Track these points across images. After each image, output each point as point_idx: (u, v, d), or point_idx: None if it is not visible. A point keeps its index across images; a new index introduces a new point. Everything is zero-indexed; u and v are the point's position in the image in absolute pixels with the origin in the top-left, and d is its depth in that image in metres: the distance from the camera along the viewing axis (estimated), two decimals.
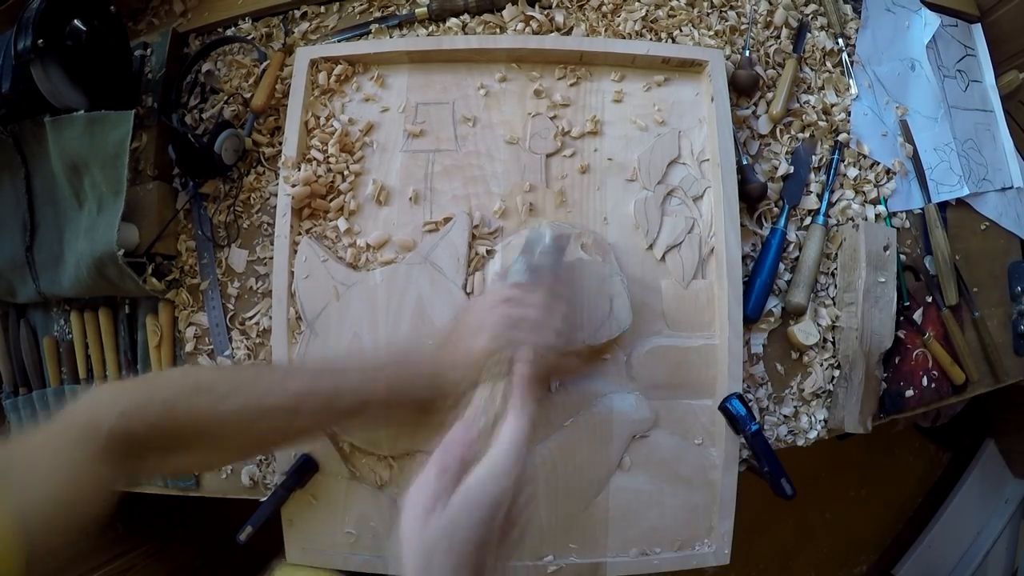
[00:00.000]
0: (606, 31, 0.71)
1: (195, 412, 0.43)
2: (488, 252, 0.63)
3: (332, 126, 0.66)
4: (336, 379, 0.48)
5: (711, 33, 0.71)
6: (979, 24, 0.85)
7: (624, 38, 0.70)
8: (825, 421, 0.68)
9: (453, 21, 0.73)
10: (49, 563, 0.36)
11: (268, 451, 0.62)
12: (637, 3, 0.72)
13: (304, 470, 0.61)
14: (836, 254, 0.70)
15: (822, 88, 0.74)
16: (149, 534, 0.93)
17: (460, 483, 0.38)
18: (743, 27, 0.73)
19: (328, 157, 0.65)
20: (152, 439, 0.41)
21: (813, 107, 0.73)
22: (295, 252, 0.63)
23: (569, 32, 0.71)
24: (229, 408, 0.44)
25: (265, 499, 0.61)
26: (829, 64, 0.75)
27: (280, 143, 0.69)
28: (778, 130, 0.72)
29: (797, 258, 0.69)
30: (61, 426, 0.40)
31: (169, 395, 0.43)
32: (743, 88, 0.70)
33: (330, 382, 0.47)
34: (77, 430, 0.40)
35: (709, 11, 0.73)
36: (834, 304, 0.69)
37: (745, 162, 0.68)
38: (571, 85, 0.68)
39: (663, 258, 0.64)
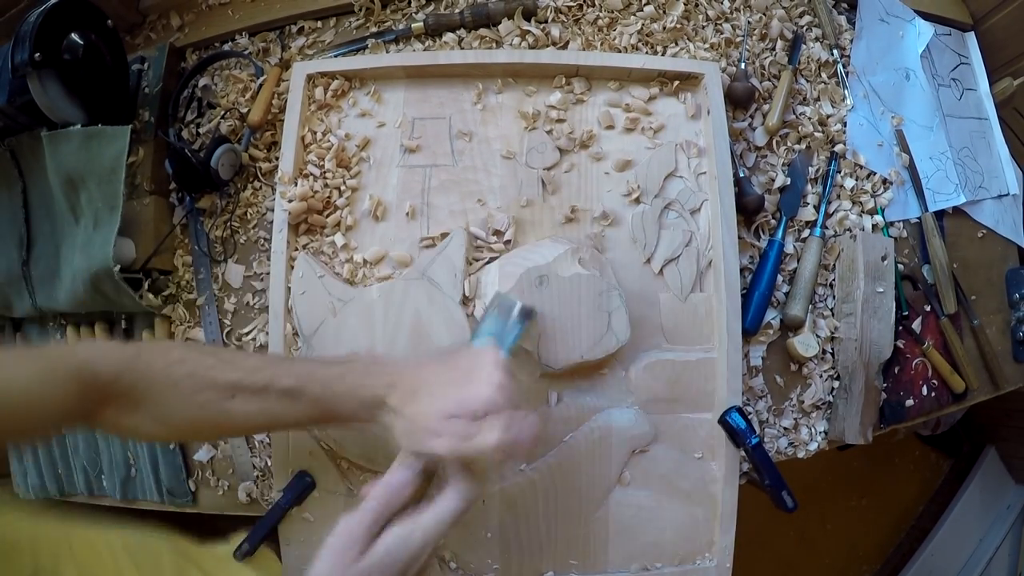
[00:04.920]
0: (602, 45, 0.71)
1: (150, 370, 0.46)
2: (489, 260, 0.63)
3: (329, 141, 0.66)
4: (278, 368, 0.48)
5: (706, 46, 0.71)
6: (972, 32, 0.86)
7: (620, 52, 0.70)
8: (825, 432, 0.68)
9: (449, 36, 0.73)
10: (11, 439, 0.41)
11: (210, 432, 0.59)
12: (633, 17, 0.72)
13: (301, 488, 0.60)
14: (834, 265, 0.70)
15: (818, 99, 0.75)
16: None
17: (383, 530, 0.41)
18: (738, 39, 0.73)
19: (325, 172, 0.65)
20: (111, 389, 0.44)
21: (809, 118, 0.73)
22: (292, 268, 0.63)
23: (565, 46, 0.71)
24: (178, 373, 0.46)
25: (262, 516, 0.61)
26: (824, 75, 0.76)
27: (277, 158, 0.69)
28: (774, 142, 0.72)
29: (795, 270, 0.69)
30: (51, 350, 0.44)
31: (135, 351, 0.47)
32: (739, 100, 0.70)
33: (270, 370, 0.48)
34: (61, 355, 0.44)
35: (704, 24, 0.73)
36: (833, 315, 0.69)
37: (742, 174, 0.68)
38: (567, 99, 0.68)
39: (661, 271, 0.63)
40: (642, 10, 0.72)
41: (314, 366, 0.50)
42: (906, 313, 0.71)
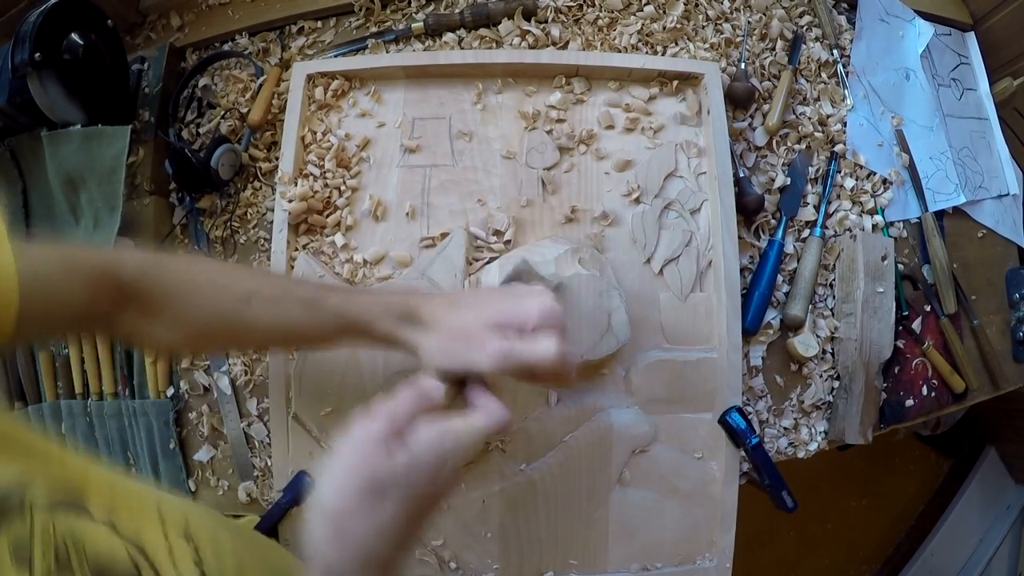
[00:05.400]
0: (602, 45, 0.71)
1: (172, 273, 0.46)
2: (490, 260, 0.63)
3: (329, 141, 0.66)
4: (298, 282, 0.49)
5: (706, 46, 0.71)
6: (972, 32, 0.86)
7: (620, 52, 0.70)
8: (825, 432, 0.68)
9: (449, 36, 0.73)
10: (34, 331, 0.39)
11: (226, 340, 0.55)
12: (632, 17, 0.72)
13: (301, 488, 0.60)
14: (834, 265, 0.70)
15: (818, 99, 0.75)
16: None
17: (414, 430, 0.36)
18: (738, 39, 0.73)
19: (325, 172, 0.65)
20: (132, 289, 0.44)
21: (809, 118, 0.73)
22: (292, 268, 0.63)
23: (565, 46, 0.71)
24: (200, 278, 0.46)
25: (263, 516, 0.61)
26: (824, 75, 0.76)
27: (277, 158, 0.69)
28: (774, 142, 0.72)
29: (795, 270, 0.69)
30: (75, 247, 0.44)
31: (159, 257, 0.47)
32: (739, 100, 0.70)
33: (290, 282, 0.48)
34: (85, 253, 0.44)
35: (704, 24, 0.73)
36: (833, 315, 0.69)
37: (742, 174, 0.68)
38: (567, 99, 0.68)
39: (661, 271, 0.63)
40: (642, 10, 0.72)
41: (337, 285, 0.49)
42: (906, 313, 0.71)
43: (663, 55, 0.70)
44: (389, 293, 0.46)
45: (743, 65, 0.71)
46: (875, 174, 0.74)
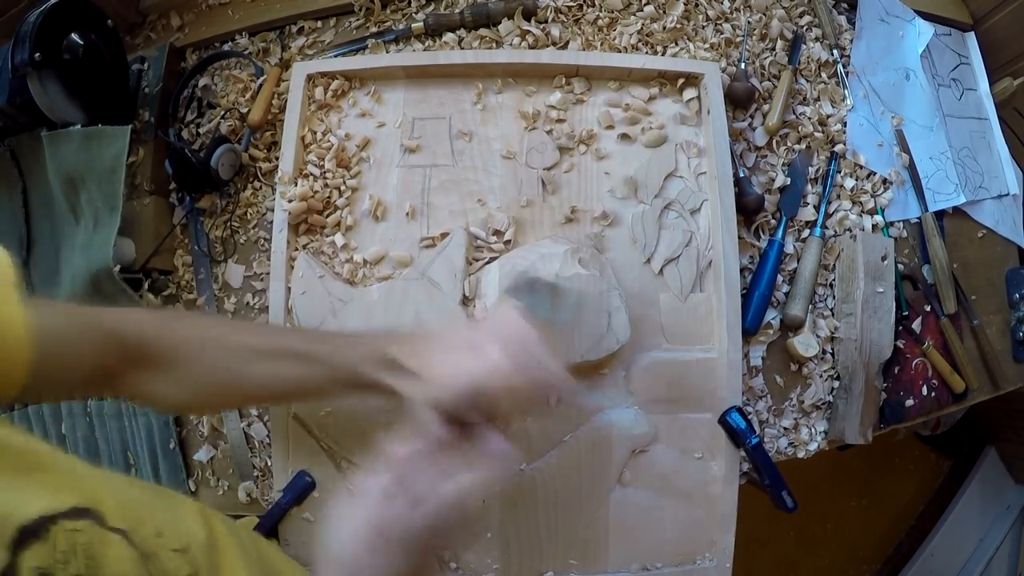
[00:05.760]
0: (602, 45, 0.71)
1: (180, 334, 0.47)
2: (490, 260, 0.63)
3: (328, 141, 0.66)
4: (292, 334, 0.50)
5: (706, 46, 0.71)
6: (972, 32, 0.86)
7: (620, 52, 0.70)
8: (825, 432, 0.68)
9: (449, 36, 0.73)
10: (43, 389, 0.39)
11: (235, 398, 0.56)
12: (633, 17, 0.72)
13: (301, 488, 0.60)
14: (834, 265, 0.70)
15: (818, 99, 0.75)
16: None
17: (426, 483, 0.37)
18: (738, 39, 0.73)
19: (325, 172, 0.65)
20: (140, 351, 0.44)
21: (809, 118, 0.73)
22: (292, 268, 0.63)
23: (565, 46, 0.71)
24: (206, 335, 0.47)
25: (263, 516, 0.61)
26: (824, 75, 0.76)
27: (277, 158, 0.69)
28: (774, 142, 0.72)
29: (795, 270, 0.69)
30: (87, 308, 0.44)
31: (165, 317, 0.49)
32: (739, 100, 0.70)
33: (284, 335, 0.49)
34: (97, 313, 0.44)
35: (704, 24, 0.73)
36: (832, 315, 0.69)
37: (742, 174, 0.68)
38: (567, 99, 0.68)
39: (661, 272, 0.63)
40: (642, 10, 0.72)
41: (329, 333, 0.50)
42: (906, 313, 0.71)
43: (663, 55, 0.70)
44: (373, 337, 0.47)
45: (743, 65, 0.71)
46: (875, 174, 0.74)
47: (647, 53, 0.71)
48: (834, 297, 0.70)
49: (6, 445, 0.33)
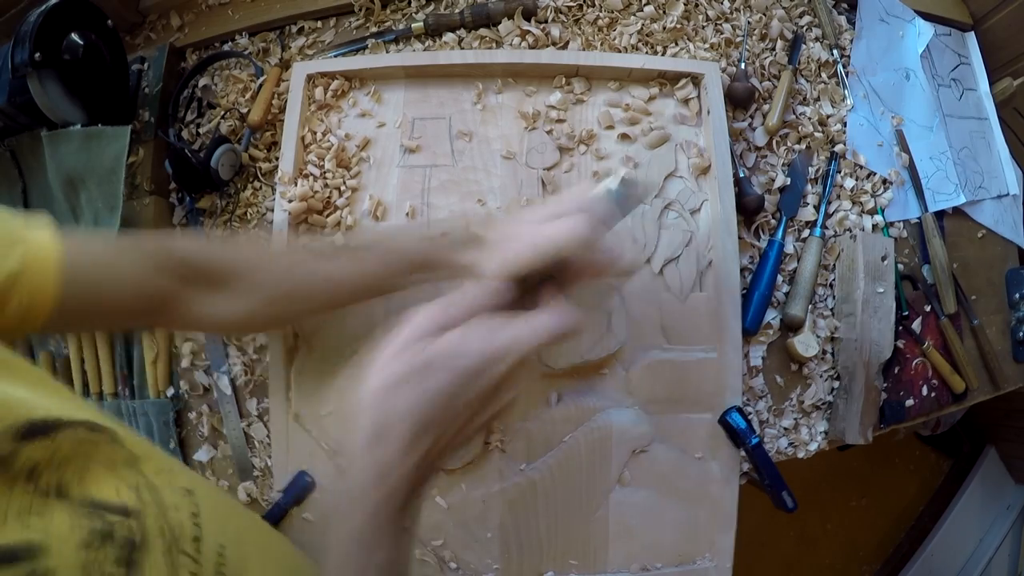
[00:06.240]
0: (602, 45, 0.71)
1: (237, 245, 0.47)
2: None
3: (328, 141, 0.66)
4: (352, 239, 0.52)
5: (706, 46, 0.71)
6: (972, 32, 0.86)
7: (620, 52, 0.70)
8: (825, 432, 0.68)
9: (449, 36, 0.73)
10: (81, 307, 0.38)
11: (304, 300, 0.50)
12: (633, 17, 0.72)
13: (301, 488, 0.60)
14: (834, 265, 0.70)
15: (818, 99, 0.75)
16: None
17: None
18: (738, 40, 0.73)
19: (325, 172, 0.65)
20: (197, 265, 0.44)
21: (809, 118, 0.73)
22: None
23: (565, 46, 0.71)
24: (266, 247, 0.50)
25: (263, 516, 0.61)
26: (824, 75, 0.76)
27: (277, 158, 0.69)
28: (774, 142, 0.72)
29: (795, 270, 0.69)
30: (139, 237, 0.44)
31: (218, 240, 0.50)
32: (739, 100, 0.70)
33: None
34: (152, 243, 0.44)
35: (704, 24, 0.73)
36: (833, 315, 0.69)
37: (742, 175, 0.68)
38: (567, 99, 0.68)
39: (661, 272, 0.63)
40: (642, 10, 0.72)
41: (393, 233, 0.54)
42: (906, 313, 0.71)
43: (663, 55, 0.70)
44: (445, 228, 0.47)
45: (743, 65, 0.71)
46: (875, 174, 0.74)
47: (647, 53, 0.71)
48: (834, 297, 0.70)
49: (27, 368, 0.34)
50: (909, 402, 0.71)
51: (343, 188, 0.65)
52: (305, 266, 0.46)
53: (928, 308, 0.73)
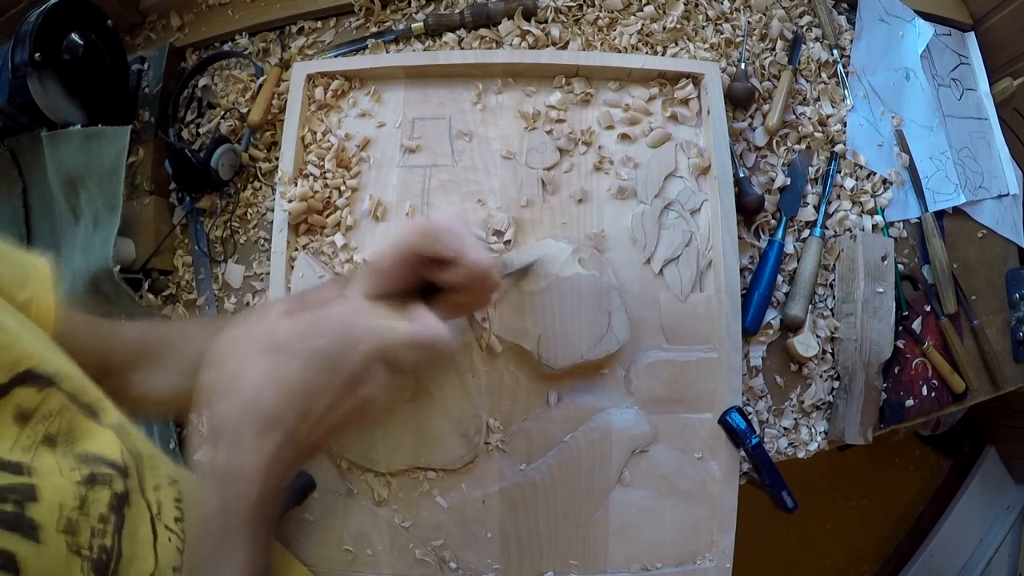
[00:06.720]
0: (602, 45, 0.71)
1: (162, 326, 0.51)
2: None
3: (328, 141, 0.66)
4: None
5: (706, 46, 0.71)
6: (972, 32, 0.86)
7: (620, 52, 0.70)
8: (825, 432, 0.68)
9: (449, 36, 0.73)
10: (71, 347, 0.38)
11: None
12: (633, 17, 0.72)
13: (301, 488, 0.60)
14: (834, 265, 0.70)
15: (818, 99, 0.75)
16: None
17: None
18: (738, 40, 0.73)
19: (325, 172, 0.65)
20: (132, 354, 0.45)
21: (809, 118, 0.73)
22: (292, 268, 0.63)
23: (565, 46, 0.71)
24: (184, 324, 0.51)
25: None
26: (824, 75, 0.76)
27: (277, 158, 0.69)
28: (774, 142, 0.72)
29: (795, 270, 0.69)
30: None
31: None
32: (739, 100, 0.70)
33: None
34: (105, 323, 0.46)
35: (704, 24, 0.73)
36: (832, 315, 0.69)
37: (742, 175, 0.68)
38: (567, 99, 0.68)
39: (661, 272, 0.63)
40: (642, 10, 0.72)
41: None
42: (906, 313, 0.71)
43: (663, 55, 0.70)
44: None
45: (743, 65, 0.71)
46: (875, 174, 0.74)
47: (647, 53, 0.71)
48: (834, 297, 0.70)
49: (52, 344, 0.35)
50: (909, 402, 0.71)
51: (343, 188, 0.65)
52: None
53: (928, 308, 0.73)
